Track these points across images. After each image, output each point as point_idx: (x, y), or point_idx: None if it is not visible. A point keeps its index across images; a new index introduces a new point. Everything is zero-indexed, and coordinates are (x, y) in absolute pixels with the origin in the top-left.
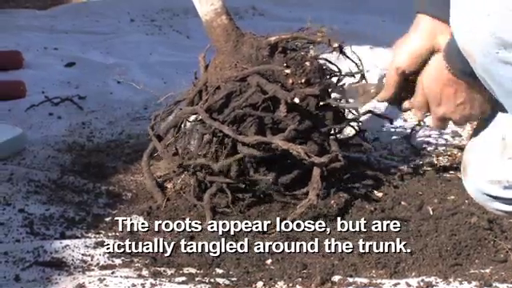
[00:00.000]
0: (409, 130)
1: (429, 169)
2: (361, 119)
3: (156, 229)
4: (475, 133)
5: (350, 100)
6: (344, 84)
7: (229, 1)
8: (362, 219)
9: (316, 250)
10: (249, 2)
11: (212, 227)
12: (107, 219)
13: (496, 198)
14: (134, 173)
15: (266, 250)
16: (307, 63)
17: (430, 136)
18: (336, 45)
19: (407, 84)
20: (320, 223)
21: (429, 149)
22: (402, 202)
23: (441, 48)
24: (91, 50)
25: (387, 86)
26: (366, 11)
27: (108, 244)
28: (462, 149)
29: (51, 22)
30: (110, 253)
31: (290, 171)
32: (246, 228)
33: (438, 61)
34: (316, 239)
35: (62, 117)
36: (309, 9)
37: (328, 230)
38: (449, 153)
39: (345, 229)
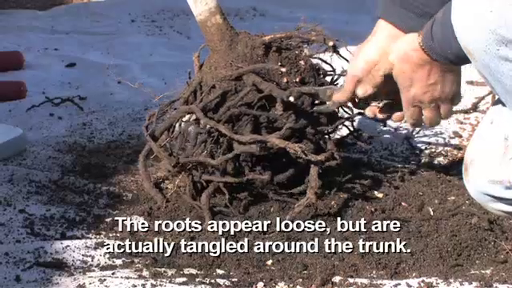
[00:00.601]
0: (409, 131)
1: (429, 169)
2: (360, 119)
3: (156, 229)
4: (476, 133)
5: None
6: (318, 86)
7: (229, 1)
8: (363, 220)
9: (316, 250)
10: (250, 2)
11: (212, 228)
12: (108, 220)
13: (498, 199)
14: (134, 173)
15: (267, 251)
16: (301, 62)
17: (430, 137)
18: (331, 43)
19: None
20: (320, 223)
21: (429, 149)
22: (403, 203)
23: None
24: (92, 50)
25: (344, 91)
26: (367, 12)
27: (108, 245)
28: (462, 149)
29: (52, 23)
30: (110, 253)
31: (286, 170)
32: (246, 228)
33: (409, 42)
34: (316, 240)
35: (62, 117)
36: (309, 9)
37: (328, 230)
38: (449, 153)
39: (345, 229)
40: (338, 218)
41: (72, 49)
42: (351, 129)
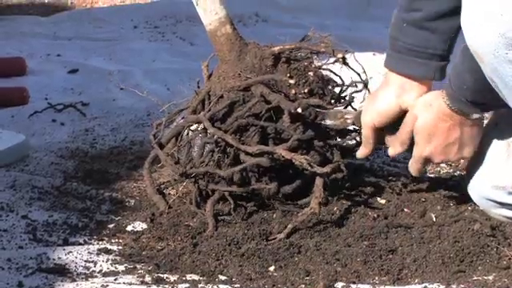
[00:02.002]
0: None
1: (432, 175)
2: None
3: (159, 235)
4: (480, 138)
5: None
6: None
7: (232, 7)
8: (365, 226)
9: (319, 256)
10: (252, 8)
11: (215, 234)
12: (110, 226)
13: (501, 204)
14: (137, 179)
15: (269, 257)
16: (310, 73)
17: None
18: (340, 55)
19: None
20: (323, 230)
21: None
22: (405, 209)
23: (407, 106)
24: (94, 56)
25: (365, 144)
26: (369, 18)
27: (111, 250)
28: None
29: (54, 29)
30: (113, 259)
31: (293, 181)
32: (249, 235)
33: (433, 97)
34: (319, 246)
35: (65, 123)
36: (312, 15)
37: (331, 236)
38: None
39: (348, 235)
40: (341, 225)
41: (74, 55)
42: (358, 140)
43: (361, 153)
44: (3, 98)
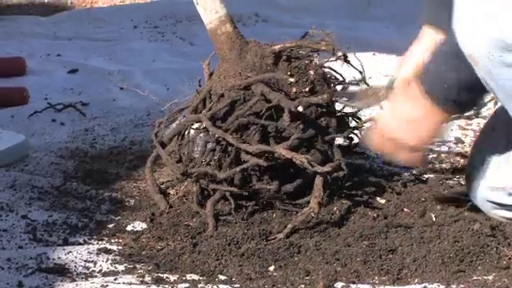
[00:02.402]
0: None
1: (431, 175)
2: (364, 126)
3: (159, 235)
4: (478, 139)
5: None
6: (348, 87)
7: (232, 7)
8: (365, 226)
9: (319, 256)
10: (252, 8)
11: (215, 234)
12: (110, 226)
13: (500, 205)
14: (136, 179)
15: (269, 257)
16: (311, 72)
17: (432, 143)
18: (340, 53)
19: None
20: (323, 229)
21: (431, 155)
22: (405, 209)
23: None
24: (94, 56)
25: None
26: (370, 18)
27: (111, 250)
28: (464, 156)
29: (54, 29)
30: (112, 259)
31: (294, 180)
32: (249, 235)
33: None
34: (319, 246)
35: (64, 123)
36: (312, 15)
37: (331, 236)
38: (451, 160)
39: (347, 235)
40: (341, 225)
41: (74, 55)
42: (360, 137)
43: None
44: (3, 98)
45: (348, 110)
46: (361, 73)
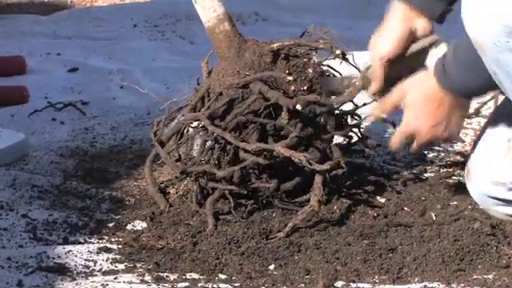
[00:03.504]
0: None
1: (432, 174)
2: (363, 124)
3: (159, 234)
4: (479, 135)
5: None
6: (328, 75)
7: (231, 6)
8: (365, 224)
9: (319, 255)
10: (252, 7)
11: (215, 233)
12: (110, 224)
13: (501, 201)
14: (136, 178)
15: (269, 256)
16: (310, 70)
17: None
18: (338, 51)
19: (389, 78)
20: (323, 228)
21: (432, 154)
22: (405, 208)
23: (419, 31)
24: (94, 55)
25: (375, 79)
26: (370, 17)
27: (111, 249)
28: (464, 155)
29: (54, 28)
30: (112, 258)
31: (292, 178)
32: (249, 233)
33: (425, 76)
34: (319, 244)
35: (64, 122)
36: (312, 14)
37: (331, 235)
38: (452, 158)
39: (348, 234)
40: (341, 223)
41: (74, 54)
42: (359, 135)
43: (371, 90)
44: (3, 97)
45: (347, 107)
46: (359, 70)
